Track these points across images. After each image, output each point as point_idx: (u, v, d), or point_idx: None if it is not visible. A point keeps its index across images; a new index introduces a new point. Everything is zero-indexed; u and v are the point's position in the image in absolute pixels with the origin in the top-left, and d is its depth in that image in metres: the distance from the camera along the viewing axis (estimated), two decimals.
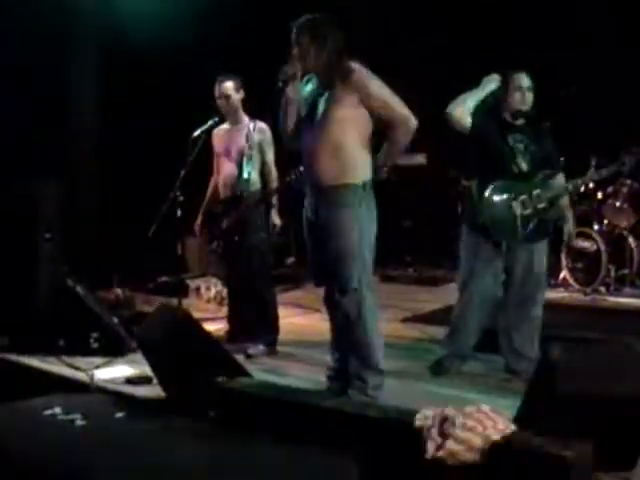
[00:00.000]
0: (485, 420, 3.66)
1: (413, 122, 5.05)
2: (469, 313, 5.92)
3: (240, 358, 5.79)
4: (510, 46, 9.65)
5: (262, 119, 6.68)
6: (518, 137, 5.74)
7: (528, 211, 5.68)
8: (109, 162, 9.79)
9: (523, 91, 5.71)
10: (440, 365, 5.98)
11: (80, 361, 6.11)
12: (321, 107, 5.10)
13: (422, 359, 6.37)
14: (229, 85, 6.66)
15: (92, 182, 9.90)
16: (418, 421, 3.74)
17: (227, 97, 6.67)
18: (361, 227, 5.05)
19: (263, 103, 5.36)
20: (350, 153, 5.03)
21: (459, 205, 10.00)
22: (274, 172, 6.72)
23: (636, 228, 9.10)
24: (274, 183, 6.71)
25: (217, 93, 6.69)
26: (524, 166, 5.73)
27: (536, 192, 5.71)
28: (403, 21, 10.69)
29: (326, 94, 5.10)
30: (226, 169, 6.78)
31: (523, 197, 5.68)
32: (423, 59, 10.50)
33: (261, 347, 6.58)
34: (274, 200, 6.68)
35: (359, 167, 5.07)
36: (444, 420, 3.68)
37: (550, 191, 5.76)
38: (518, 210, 5.67)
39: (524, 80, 5.73)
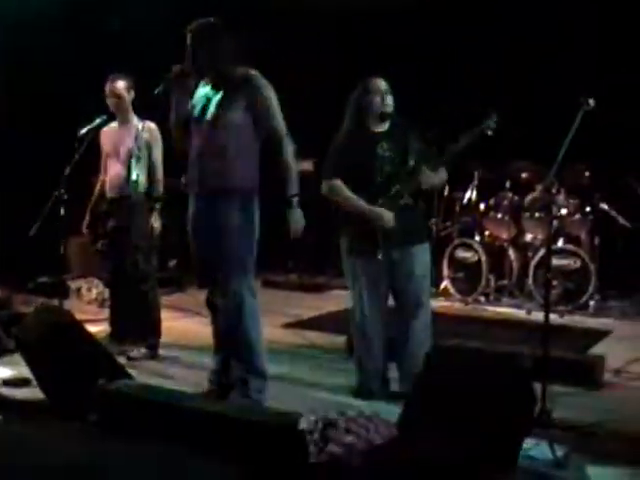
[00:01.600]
0: (368, 424, 3.71)
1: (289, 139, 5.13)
2: (369, 330, 5.65)
3: (122, 360, 5.73)
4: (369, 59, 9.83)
5: (152, 119, 6.62)
6: (385, 145, 5.60)
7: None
8: None
9: (382, 94, 5.60)
10: (362, 386, 5.68)
11: None
12: (211, 109, 5.11)
13: (304, 364, 6.42)
14: (121, 84, 6.58)
15: None
16: (301, 425, 3.75)
17: (118, 96, 6.58)
18: (244, 231, 5.08)
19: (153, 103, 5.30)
20: (236, 158, 5.06)
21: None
22: (160, 173, 6.66)
23: (516, 240, 9.32)
24: (160, 185, 6.64)
25: (108, 91, 6.60)
26: (389, 169, 5.57)
27: (395, 188, 5.55)
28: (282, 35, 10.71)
29: (218, 96, 5.11)
30: (114, 169, 6.68)
31: (382, 199, 5.53)
32: (313, 68, 10.53)
33: (143, 350, 6.52)
34: (157, 204, 6.61)
35: (244, 172, 5.10)
36: (327, 424, 3.71)
37: (412, 184, 5.58)
38: None
39: (382, 83, 5.64)
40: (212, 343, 5.49)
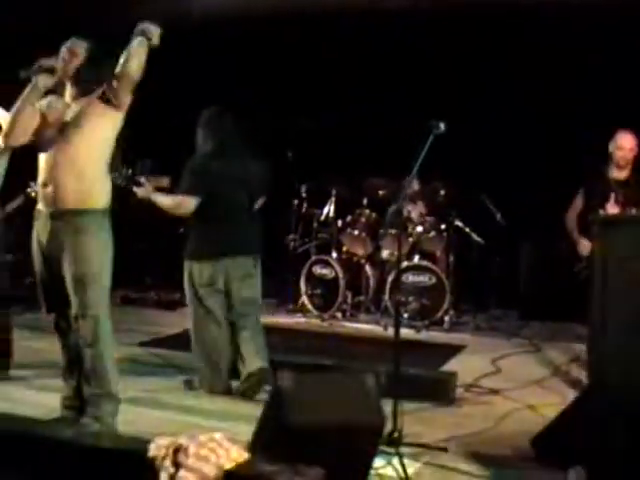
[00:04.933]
0: (218, 449, 3.69)
1: None
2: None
3: None
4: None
5: None
6: None
7: None
8: None
9: None
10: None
11: None
12: (71, 120, 4.95)
13: (159, 384, 6.35)
14: None
15: None
16: (152, 451, 3.71)
17: None
18: (100, 254, 4.97)
19: None
20: (94, 177, 4.94)
21: None
22: None
23: (372, 257, 9.44)
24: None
25: None
26: None
27: None
28: None
29: (77, 107, 4.98)
30: None
31: None
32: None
33: None
34: None
35: (101, 192, 5.00)
36: (177, 449, 3.67)
37: None
38: None
39: None
40: (64, 365, 5.37)
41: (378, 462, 4.42)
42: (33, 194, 6.09)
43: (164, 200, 6.08)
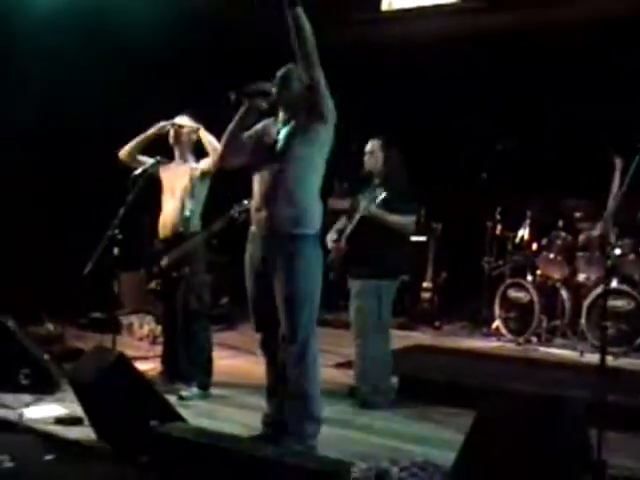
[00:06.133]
0: (421, 474, 3.68)
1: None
2: None
3: (173, 400, 5.73)
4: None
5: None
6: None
7: None
8: (43, 195, 9.53)
9: (367, 155, 6.50)
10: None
11: (8, 398, 6.00)
12: (281, 144, 5.04)
13: (355, 406, 6.36)
14: (192, 123, 6.67)
15: (23, 214, 9.55)
16: (355, 474, 3.73)
17: (188, 134, 6.68)
18: (311, 277, 5.04)
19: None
20: (304, 202, 5.00)
21: None
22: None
23: (568, 280, 9.21)
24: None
25: (177, 128, 6.68)
26: None
27: None
28: None
29: (288, 128, 5.07)
30: (168, 207, 6.70)
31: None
32: None
33: (195, 389, 6.50)
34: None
35: (312, 216, 5.06)
36: (380, 473, 3.68)
37: None
38: None
39: (368, 145, 6.53)
40: (264, 383, 5.44)
41: None
42: (236, 216, 6.24)
43: (394, 217, 6.33)
